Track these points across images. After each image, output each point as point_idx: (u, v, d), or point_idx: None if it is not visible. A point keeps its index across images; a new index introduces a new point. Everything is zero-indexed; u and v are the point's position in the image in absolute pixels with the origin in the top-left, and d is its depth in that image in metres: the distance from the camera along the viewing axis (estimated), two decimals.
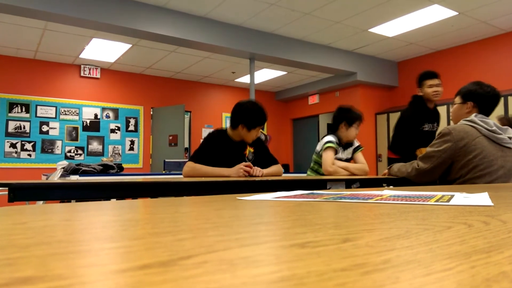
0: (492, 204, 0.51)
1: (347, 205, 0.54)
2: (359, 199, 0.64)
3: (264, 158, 2.44)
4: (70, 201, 3.16)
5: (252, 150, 2.41)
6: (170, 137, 7.31)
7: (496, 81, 6.00)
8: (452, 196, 0.68)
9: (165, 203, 0.62)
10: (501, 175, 1.83)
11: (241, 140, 2.37)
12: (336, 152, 2.71)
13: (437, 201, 0.59)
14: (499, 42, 5.92)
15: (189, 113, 8.26)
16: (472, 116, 1.97)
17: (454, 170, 1.92)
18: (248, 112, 2.28)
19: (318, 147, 2.79)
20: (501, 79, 5.86)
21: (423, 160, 2.01)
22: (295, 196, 0.71)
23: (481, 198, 0.61)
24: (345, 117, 2.74)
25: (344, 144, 2.80)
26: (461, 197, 0.64)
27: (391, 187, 2.47)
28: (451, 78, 6.44)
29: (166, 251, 0.24)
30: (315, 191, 0.87)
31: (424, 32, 5.85)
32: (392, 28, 5.68)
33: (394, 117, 7.09)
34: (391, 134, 7.15)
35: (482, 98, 2.00)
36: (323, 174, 2.68)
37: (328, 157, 2.64)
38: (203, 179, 1.89)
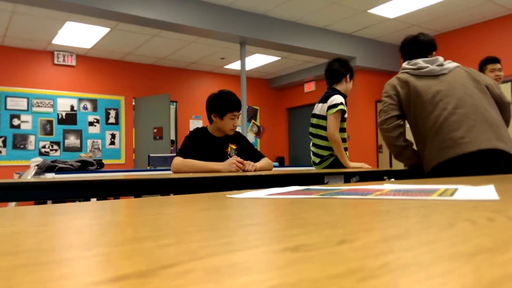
0: (498, 198, 0.51)
1: (345, 202, 0.54)
2: (357, 195, 0.64)
3: (249, 154, 2.48)
4: (45, 202, 3.14)
5: (234, 147, 2.47)
6: (155, 130, 7.28)
7: (503, 63, 6.04)
8: (456, 189, 0.69)
9: (148, 203, 0.62)
10: (441, 97, 2.11)
11: (223, 136, 2.45)
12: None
13: (440, 195, 0.60)
14: (507, 23, 5.96)
15: (175, 103, 8.21)
16: (403, 65, 2.33)
17: (408, 113, 2.24)
18: (216, 99, 2.40)
19: (324, 109, 2.70)
20: (509, 62, 5.91)
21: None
22: (289, 193, 0.72)
23: (486, 191, 0.61)
24: (349, 69, 2.83)
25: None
26: (465, 191, 0.65)
27: (392, 180, 2.50)
28: (457, 61, 6.47)
29: (146, 259, 0.24)
30: (311, 187, 0.87)
31: (427, 13, 5.86)
32: (393, 9, 5.68)
33: None
34: None
35: (403, 47, 2.42)
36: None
37: (337, 121, 2.64)
38: (191, 175, 1.89)
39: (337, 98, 2.68)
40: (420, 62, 2.23)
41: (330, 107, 2.66)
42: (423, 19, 6.12)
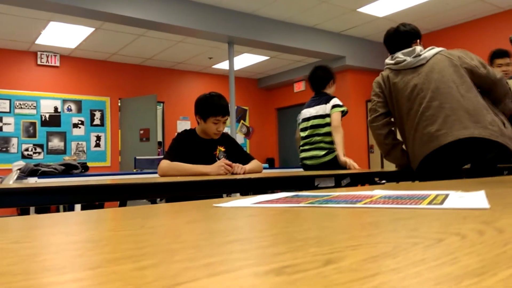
0: (488, 206, 0.52)
1: (333, 212, 0.54)
2: (346, 203, 0.64)
3: (238, 156, 2.47)
4: (28, 209, 3.08)
5: (223, 149, 2.46)
6: (141, 131, 7.22)
7: None
8: (447, 196, 0.69)
9: (132, 214, 0.61)
10: (418, 91, 2.13)
11: (211, 139, 2.45)
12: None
13: (430, 202, 0.60)
14: (497, 21, 6.05)
15: (161, 104, 8.16)
16: (386, 60, 2.35)
17: (392, 111, 2.28)
18: (201, 101, 2.40)
19: (327, 109, 3.13)
20: None
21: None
22: (277, 201, 0.71)
23: (476, 198, 0.62)
24: (332, 75, 3.31)
25: None
26: (456, 198, 0.65)
27: (383, 181, 2.51)
28: None
29: (123, 285, 0.23)
30: (300, 193, 0.87)
31: (417, 12, 5.92)
32: (382, 8, 5.72)
33: None
34: None
35: (385, 40, 2.40)
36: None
37: (340, 118, 3.10)
38: (179, 179, 1.87)
39: (338, 100, 3.17)
40: (399, 55, 2.23)
41: (335, 106, 3.11)
42: (412, 17, 6.18)
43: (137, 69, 7.92)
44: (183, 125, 8.14)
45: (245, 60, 7.84)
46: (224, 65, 8.02)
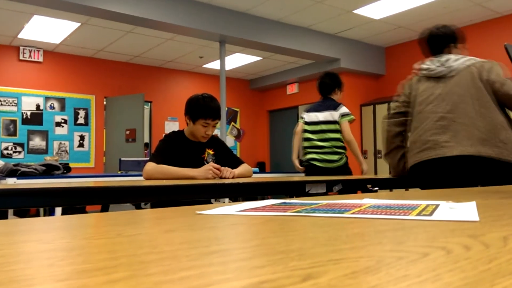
0: (478, 218, 0.52)
1: (319, 222, 0.54)
2: (334, 212, 0.64)
3: (227, 160, 2.47)
4: (6, 211, 3.05)
5: (211, 152, 2.46)
6: (127, 132, 7.18)
7: None
8: (437, 206, 0.69)
9: (111, 221, 0.61)
10: (436, 100, 2.15)
11: (199, 141, 2.45)
12: None
13: (419, 213, 0.60)
14: (495, 26, 6.14)
15: (149, 103, 8.13)
16: (414, 65, 2.38)
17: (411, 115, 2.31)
18: (192, 101, 2.41)
19: (336, 116, 3.43)
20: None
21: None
22: (263, 209, 0.71)
23: (467, 210, 0.62)
24: (340, 83, 3.59)
25: None
26: (446, 208, 0.66)
27: (376, 188, 2.53)
28: None
29: None
30: (287, 200, 0.87)
31: (414, 15, 5.99)
32: (379, 10, 5.77)
33: (381, 108, 7.24)
34: (377, 128, 7.30)
35: (419, 43, 2.44)
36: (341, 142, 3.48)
37: (349, 129, 3.44)
38: (164, 182, 1.87)
39: (345, 108, 3.45)
40: (429, 62, 2.27)
41: (344, 115, 3.42)
42: (409, 20, 6.24)
43: (124, 66, 7.88)
44: (171, 126, 8.11)
45: (237, 60, 7.85)
46: (215, 65, 8.02)
